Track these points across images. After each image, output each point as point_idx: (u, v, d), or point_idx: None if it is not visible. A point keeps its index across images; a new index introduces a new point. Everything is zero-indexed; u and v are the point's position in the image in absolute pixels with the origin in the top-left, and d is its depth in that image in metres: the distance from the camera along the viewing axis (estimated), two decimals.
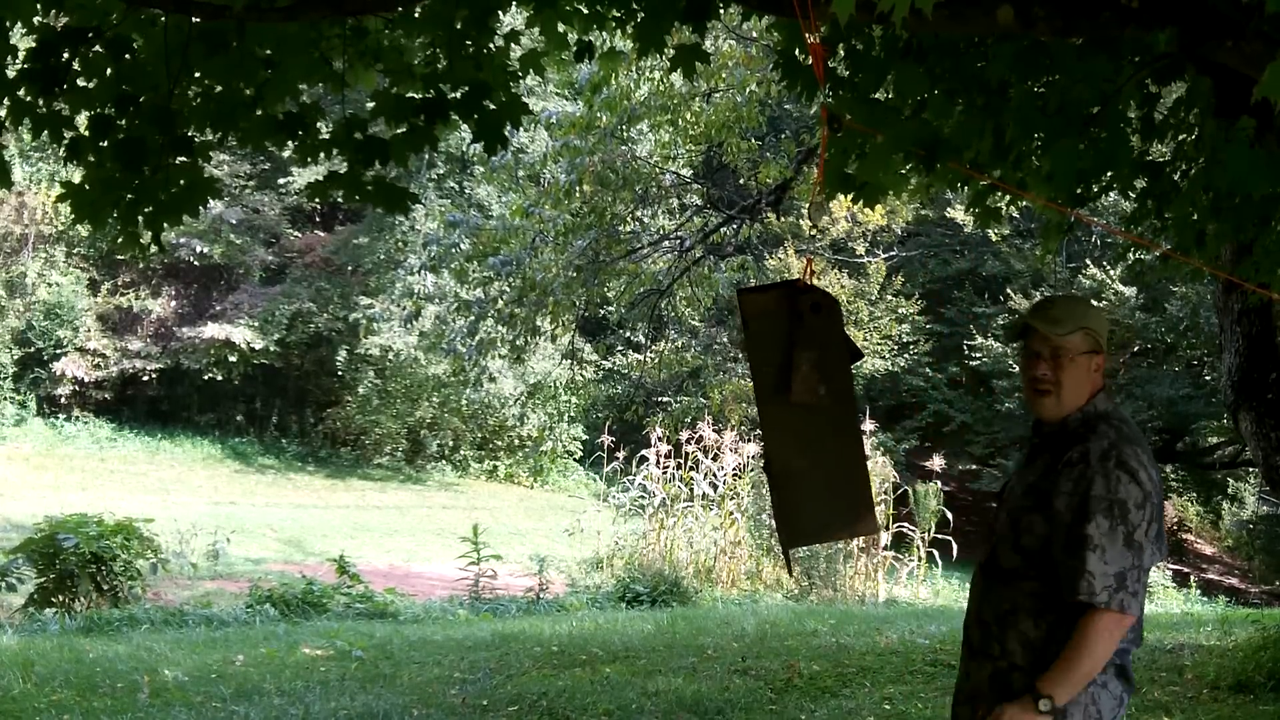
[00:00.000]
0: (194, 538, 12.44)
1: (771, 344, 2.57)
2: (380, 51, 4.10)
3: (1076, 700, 2.44)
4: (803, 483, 2.59)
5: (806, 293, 2.58)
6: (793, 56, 3.91)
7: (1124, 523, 2.41)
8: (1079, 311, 2.61)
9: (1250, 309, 6.91)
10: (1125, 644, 2.49)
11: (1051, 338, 2.56)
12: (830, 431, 2.60)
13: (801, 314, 2.55)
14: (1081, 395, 2.58)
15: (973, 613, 2.66)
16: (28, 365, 24.15)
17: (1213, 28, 2.89)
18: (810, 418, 2.58)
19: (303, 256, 25.82)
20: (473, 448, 26.46)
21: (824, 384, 2.56)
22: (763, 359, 2.58)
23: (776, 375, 2.56)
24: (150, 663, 6.77)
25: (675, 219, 13.56)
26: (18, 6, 3.58)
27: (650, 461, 13.80)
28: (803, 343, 2.55)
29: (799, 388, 2.54)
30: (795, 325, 2.55)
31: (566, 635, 8.18)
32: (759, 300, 2.61)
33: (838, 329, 2.60)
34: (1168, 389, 22.01)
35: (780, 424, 2.59)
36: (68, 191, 3.87)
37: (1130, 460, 2.46)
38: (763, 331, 2.57)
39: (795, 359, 2.54)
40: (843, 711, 5.82)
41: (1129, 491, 2.43)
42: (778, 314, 2.57)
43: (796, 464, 2.60)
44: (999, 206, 5.27)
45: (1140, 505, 2.43)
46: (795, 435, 2.59)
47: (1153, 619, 10.15)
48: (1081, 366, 2.58)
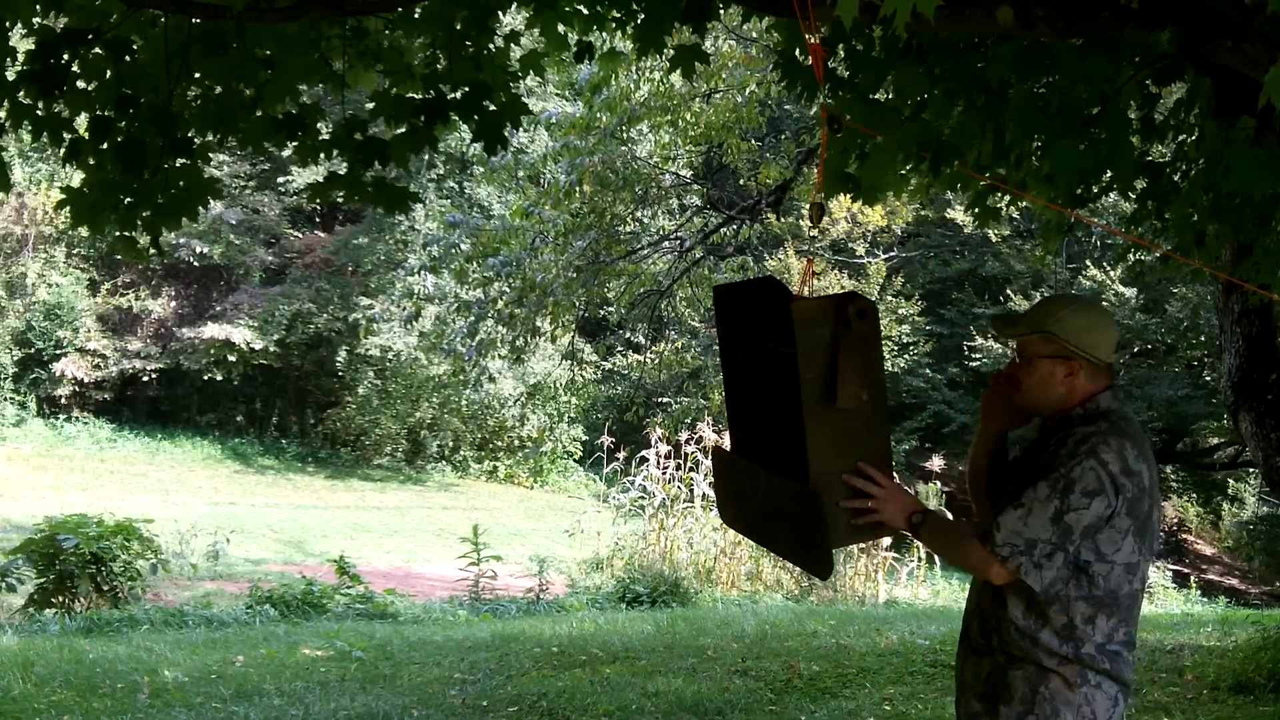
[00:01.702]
0: (194, 538, 12.44)
1: (817, 352, 2.56)
2: (380, 52, 4.10)
3: (1069, 701, 2.43)
4: (837, 487, 2.59)
5: (853, 299, 2.58)
6: (793, 57, 3.91)
7: (1061, 499, 2.38)
8: (1042, 314, 2.57)
9: (1250, 310, 6.91)
10: (1116, 646, 2.47)
11: (1006, 336, 2.61)
12: (865, 433, 2.60)
13: (849, 320, 2.54)
14: (1049, 400, 2.56)
15: (971, 605, 2.66)
16: (28, 366, 24.16)
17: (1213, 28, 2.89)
18: (848, 423, 2.58)
19: (303, 257, 25.82)
20: (473, 448, 26.47)
21: (867, 390, 2.56)
22: (805, 367, 2.56)
23: (818, 381, 2.55)
24: (150, 663, 6.76)
25: (675, 219, 13.56)
26: (17, 8, 3.57)
27: (650, 462, 13.79)
28: (848, 349, 2.54)
29: (843, 393, 2.53)
30: (842, 331, 2.54)
31: (566, 636, 8.18)
32: (804, 307, 2.59)
33: (877, 333, 2.61)
34: (1168, 389, 22.01)
35: (821, 430, 2.58)
36: (67, 196, 3.87)
37: (1104, 452, 2.41)
38: (806, 339, 2.56)
39: (842, 365, 2.53)
40: (843, 712, 5.82)
41: (1085, 476, 2.39)
42: (823, 320, 2.56)
43: (832, 469, 2.60)
44: (999, 207, 5.27)
45: (1092, 493, 2.38)
46: (834, 440, 2.59)
47: (1153, 619, 10.15)
48: (1040, 370, 2.55)
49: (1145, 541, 2.46)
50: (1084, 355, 2.53)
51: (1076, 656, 2.44)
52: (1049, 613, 2.45)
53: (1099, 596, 2.44)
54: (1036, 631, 2.46)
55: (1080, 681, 2.45)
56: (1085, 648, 2.44)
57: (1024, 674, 2.47)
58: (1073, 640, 2.44)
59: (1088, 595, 2.44)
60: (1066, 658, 2.44)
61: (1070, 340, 2.52)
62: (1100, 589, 2.44)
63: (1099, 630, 2.45)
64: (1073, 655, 2.44)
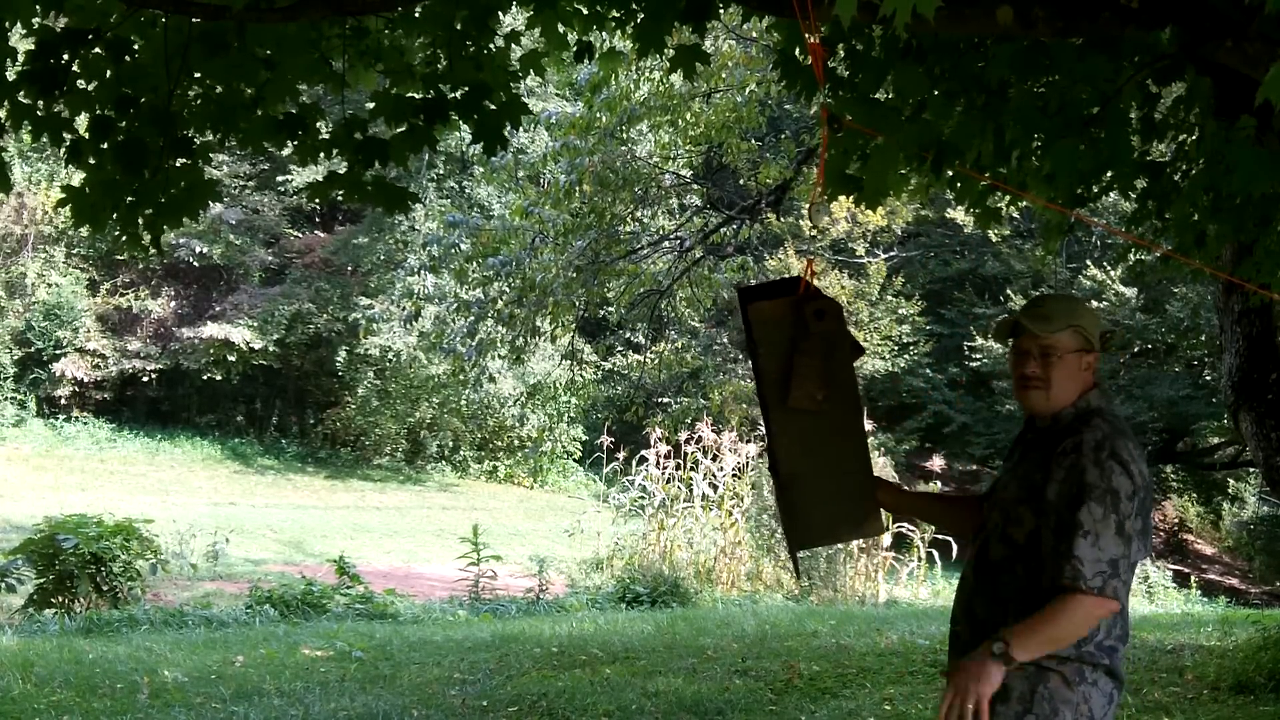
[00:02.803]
0: (193, 538, 12.43)
1: (776, 351, 2.58)
2: (380, 52, 4.10)
3: (1068, 700, 2.46)
4: (809, 486, 2.60)
5: (811, 300, 2.59)
6: (793, 57, 3.91)
7: (1116, 512, 2.42)
8: (1068, 309, 2.62)
9: (1251, 309, 6.91)
10: (1113, 642, 2.51)
11: (1041, 335, 2.57)
12: (834, 435, 2.61)
13: (806, 321, 2.56)
14: (1071, 392, 2.58)
15: (961, 606, 2.68)
16: (27, 366, 24.16)
17: (1213, 28, 2.89)
18: (815, 422, 2.60)
19: (302, 257, 25.82)
20: (472, 448, 26.46)
21: (825, 390, 2.57)
22: (767, 365, 2.59)
23: (779, 381, 2.57)
24: (150, 663, 6.76)
25: (675, 219, 13.56)
26: (17, 8, 3.57)
27: (650, 462, 13.79)
28: (806, 350, 2.56)
29: (798, 394, 2.56)
30: (800, 332, 2.56)
31: (566, 636, 8.17)
32: (765, 308, 2.61)
33: (842, 334, 2.61)
34: (1168, 389, 22.01)
35: (786, 429, 2.61)
36: (68, 196, 3.87)
37: (1122, 452, 2.47)
38: (767, 338, 2.59)
39: (797, 365, 2.56)
40: (843, 712, 5.82)
41: (1121, 483, 2.44)
42: (782, 321, 2.58)
43: (803, 468, 2.61)
44: (999, 207, 5.27)
45: (1130, 497, 2.45)
46: (801, 440, 2.61)
47: (1153, 619, 10.16)
48: (1071, 364, 2.58)
49: (1145, 540, 2.51)
50: (1099, 348, 2.62)
51: (1079, 654, 2.47)
52: None
53: None
54: None
55: (1078, 680, 2.47)
56: (1087, 645, 2.48)
57: (1023, 673, 2.48)
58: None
59: None
60: (1068, 657, 2.47)
61: (1091, 332, 2.61)
62: None
63: (1100, 627, 2.48)
64: (1074, 654, 2.47)
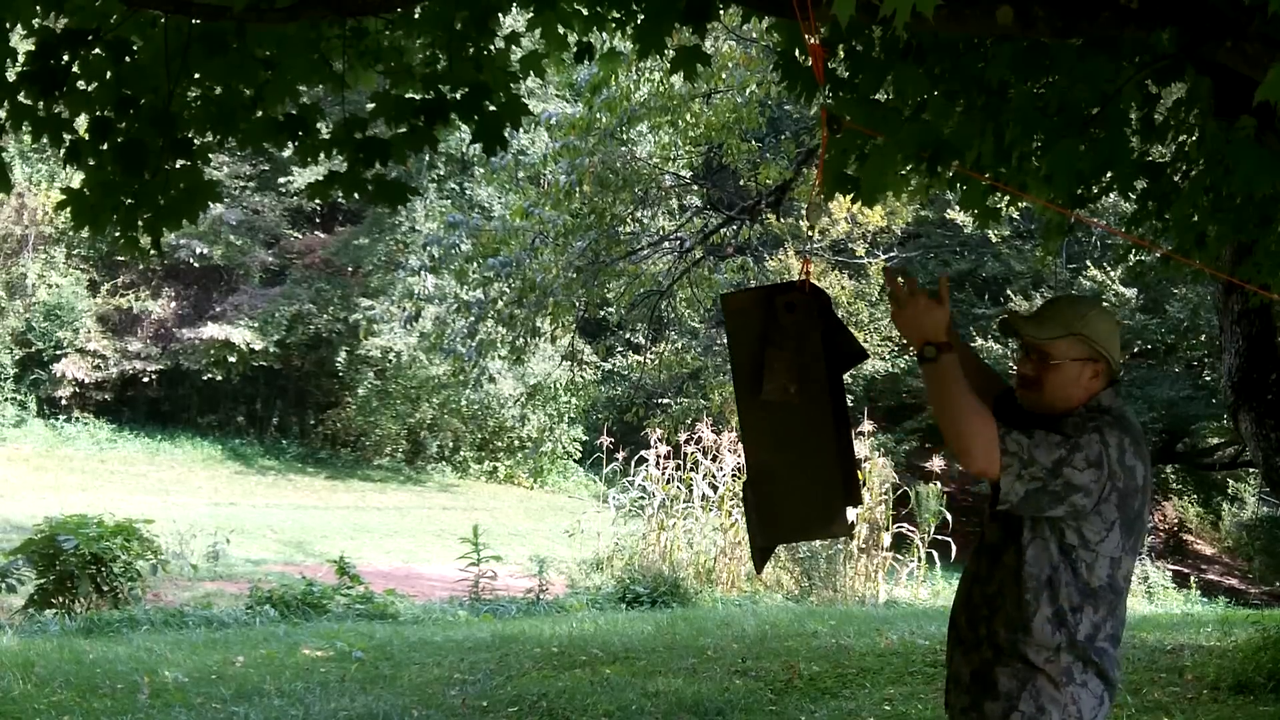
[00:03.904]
0: (194, 539, 12.43)
1: (747, 343, 2.59)
2: (380, 52, 4.10)
3: (1055, 699, 2.45)
4: (778, 482, 2.59)
5: (784, 292, 2.59)
6: (793, 57, 3.91)
7: (1067, 453, 2.37)
8: (1071, 317, 2.55)
9: (1250, 310, 6.92)
10: (1103, 642, 2.48)
11: (1027, 337, 2.55)
12: (806, 431, 2.60)
13: (776, 313, 2.56)
14: (1073, 398, 2.53)
15: (962, 596, 2.66)
16: (28, 366, 24.16)
17: (1213, 28, 2.89)
18: (787, 417, 2.58)
19: (303, 258, 25.81)
20: (473, 449, 26.46)
21: (796, 383, 2.56)
22: (738, 357, 2.60)
23: (750, 374, 2.58)
24: (150, 664, 6.76)
25: (675, 220, 13.58)
26: (17, 8, 3.57)
27: (650, 462, 13.80)
28: (776, 341, 2.56)
29: (769, 386, 2.56)
30: (770, 324, 2.56)
31: (566, 636, 8.18)
32: (737, 299, 2.63)
33: (815, 328, 2.60)
34: (1168, 390, 22.00)
35: (757, 423, 2.61)
36: (68, 197, 3.87)
37: (1108, 434, 2.42)
38: (738, 330, 2.60)
39: (767, 357, 2.55)
40: (843, 712, 5.82)
41: (1090, 446, 2.39)
42: (753, 313, 2.59)
43: (772, 463, 2.61)
44: (999, 207, 5.27)
45: (1092, 464, 2.38)
46: (771, 434, 2.60)
47: (1152, 619, 10.16)
48: (1068, 372, 2.52)
49: (1131, 539, 2.48)
50: (1108, 358, 2.55)
51: (1069, 645, 2.45)
52: (1040, 599, 2.46)
53: (1085, 586, 2.46)
54: (1030, 619, 2.46)
55: (1066, 680, 2.46)
56: (1076, 636, 2.46)
57: (1011, 670, 2.48)
58: (1064, 628, 2.45)
59: (1074, 583, 2.45)
60: (1058, 648, 2.45)
61: (1100, 342, 2.53)
62: (1084, 578, 2.45)
63: (1086, 621, 2.46)
64: (1065, 644, 2.45)
